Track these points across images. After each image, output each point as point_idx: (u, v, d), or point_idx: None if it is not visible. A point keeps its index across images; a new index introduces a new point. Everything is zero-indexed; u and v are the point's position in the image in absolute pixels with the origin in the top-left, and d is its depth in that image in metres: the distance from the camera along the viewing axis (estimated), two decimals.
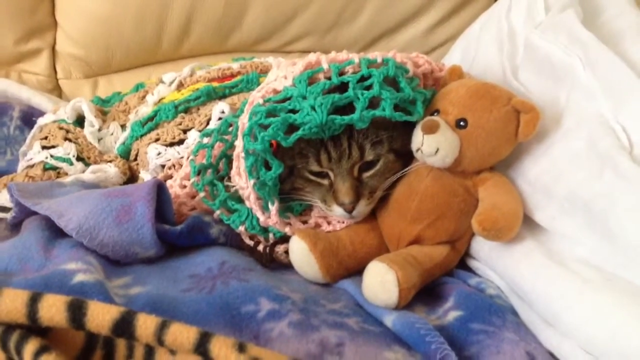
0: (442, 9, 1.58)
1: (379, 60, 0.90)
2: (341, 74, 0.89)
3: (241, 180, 0.92)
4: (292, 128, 0.85)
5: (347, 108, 0.85)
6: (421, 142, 0.86)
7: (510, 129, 0.87)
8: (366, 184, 0.90)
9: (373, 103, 0.86)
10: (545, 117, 0.88)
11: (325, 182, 0.91)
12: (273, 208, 0.92)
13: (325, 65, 0.89)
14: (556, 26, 0.95)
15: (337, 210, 0.90)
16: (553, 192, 0.83)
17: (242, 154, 0.90)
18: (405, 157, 0.93)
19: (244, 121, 0.91)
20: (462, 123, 0.87)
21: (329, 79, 0.88)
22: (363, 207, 0.90)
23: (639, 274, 0.70)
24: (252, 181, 0.90)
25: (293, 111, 0.86)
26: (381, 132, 0.89)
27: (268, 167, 0.89)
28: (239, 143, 0.92)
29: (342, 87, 0.87)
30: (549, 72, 0.93)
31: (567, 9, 0.96)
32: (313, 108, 0.84)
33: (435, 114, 0.90)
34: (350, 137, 0.88)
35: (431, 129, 0.86)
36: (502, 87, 0.91)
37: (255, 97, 0.92)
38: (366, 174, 0.90)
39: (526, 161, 0.90)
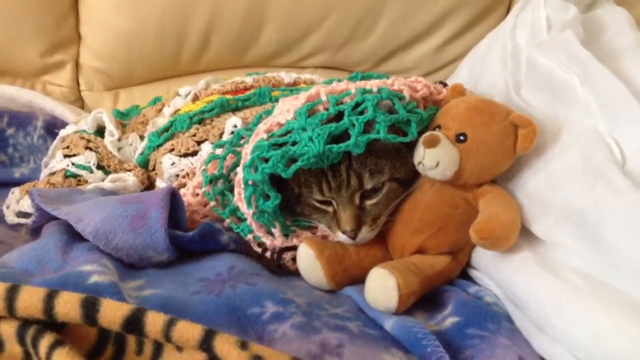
0: (453, 27, 1.61)
1: (375, 89, 0.93)
2: (340, 104, 0.91)
3: (243, 207, 0.95)
4: (293, 159, 0.88)
5: (345, 136, 0.88)
6: (422, 155, 0.89)
7: (508, 143, 0.90)
8: (369, 212, 0.93)
9: (368, 129, 0.88)
10: (545, 132, 0.91)
11: (330, 209, 0.94)
12: (276, 231, 0.95)
13: (323, 97, 0.92)
14: (557, 45, 0.98)
15: (341, 237, 0.93)
16: (549, 204, 0.86)
17: (242, 185, 0.93)
18: (410, 182, 0.95)
19: (246, 152, 0.95)
20: (461, 137, 0.90)
21: (328, 109, 0.91)
22: (365, 234, 0.93)
23: (626, 281, 0.73)
24: (250, 211, 0.93)
25: (295, 143, 0.89)
26: (381, 161, 0.91)
27: (268, 197, 0.91)
28: (240, 172, 0.95)
29: (340, 117, 0.89)
30: (549, 88, 0.97)
31: (568, 28, 0.99)
32: (311, 139, 0.87)
33: (437, 129, 0.93)
34: (349, 166, 0.90)
35: (432, 143, 0.89)
36: (500, 103, 0.95)
37: (261, 130, 0.95)
38: (369, 202, 0.93)
39: (525, 174, 0.92)
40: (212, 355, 0.61)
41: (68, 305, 0.62)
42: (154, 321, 0.62)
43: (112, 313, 0.62)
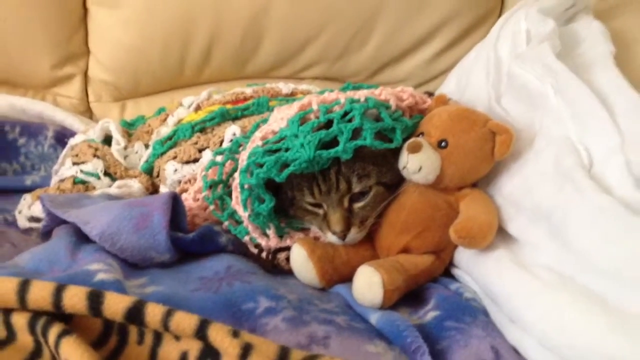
0: (444, 40, 1.64)
1: (362, 99, 0.97)
2: (330, 112, 0.96)
3: (240, 210, 1.00)
4: (286, 164, 0.93)
5: (335, 143, 0.92)
6: (406, 160, 0.94)
7: (486, 149, 0.94)
8: (357, 214, 0.97)
9: (356, 136, 0.93)
10: (521, 139, 0.96)
11: (321, 212, 0.98)
12: (270, 233, 1.00)
13: (315, 106, 0.97)
14: (533, 57, 1.02)
15: (331, 237, 0.97)
16: (522, 205, 0.90)
17: (239, 188, 0.98)
18: (396, 187, 1.00)
19: (243, 158, 0.99)
20: (443, 143, 0.94)
21: (319, 118, 0.96)
22: (354, 235, 0.97)
23: (590, 277, 0.76)
24: (246, 213, 0.98)
25: (288, 149, 0.93)
26: (368, 166, 0.96)
27: (263, 200, 0.96)
28: (237, 177, 1.00)
29: (330, 125, 0.94)
30: (526, 98, 1.01)
31: (545, 41, 1.03)
32: (302, 145, 0.91)
33: (421, 136, 0.97)
34: (338, 171, 0.95)
35: (415, 149, 0.93)
36: (479, 111, 0.99)
37: (256, 137, 1.00)
38: (357, 205, 0.97)
39: (502, 178, 0.97)
40: (206, 343, 0.65)
41: (75, 298, 0.66)
42: (154, 312, 0.66)
43: (115, 305, 0.66)
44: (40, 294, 0.66)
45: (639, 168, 0.81)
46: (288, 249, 1.00)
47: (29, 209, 1.16)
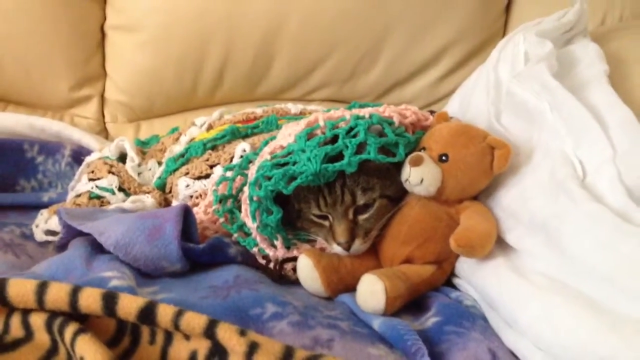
0: (449, 63, 1.68)
1: (367, 116, 1.01)
2: (335, 128, 1.00)
3: (249, 221, 1.03)
4: (294, 177, 0.96)
5: (340, 157, 0.96)
6: (409, 173, 0.97)
7: (485, 163, 0.97)
8: (361, 226, 1.00)
9: (360, 150, 0.96)
10: (519, 153, 0.99)
11: (326, 223, 1.01)
12: (278, 243, 1.03)
13: (321, 122, 1.01)
14: (531, 76, 1.06)
15: (336, 248, 1.00)
16: (520, 216, 0.93)
17: (248, 201, 1.01)
18: (399, 199, 1.03)
19: (252, 172, 1.03)
20: (443, 157, 0.97)
21: (325, 133, 0.99)
22: (358, 246, 0.99)
23: (583, 281, 0.79)
24: (255, 224, 1.01)
25: (295, 163, 0.97)
26: (372, 180, 0.99)
27: (271, 212, 0.99)
28: (247, 190, 1.03)
29: (336, 140, 0.98)
30: (524, 115, 1.04)
31: (542, 61, 1.07)
32: (309, 159, 0.95)
33: (422, 150, 1.00)
34: (343, 184, 0.98)
35: (416, 162, 0.97)
36: (478, 127, 1.03)
37: (265, 152, 1.04)
38: (361, 217, 1.00)
39: (501, 191, 1.00)
40: (215, 342, 0.68)
41: (90, 299, 0.69)
42: (165, 312, 0.69)
43: (128, 305, 0.69)
44: (58, 294, 0.69)
45: (630, 178, 0.85)
46: (295, 259, 1.03)
47: (45, 223, 1.18)
